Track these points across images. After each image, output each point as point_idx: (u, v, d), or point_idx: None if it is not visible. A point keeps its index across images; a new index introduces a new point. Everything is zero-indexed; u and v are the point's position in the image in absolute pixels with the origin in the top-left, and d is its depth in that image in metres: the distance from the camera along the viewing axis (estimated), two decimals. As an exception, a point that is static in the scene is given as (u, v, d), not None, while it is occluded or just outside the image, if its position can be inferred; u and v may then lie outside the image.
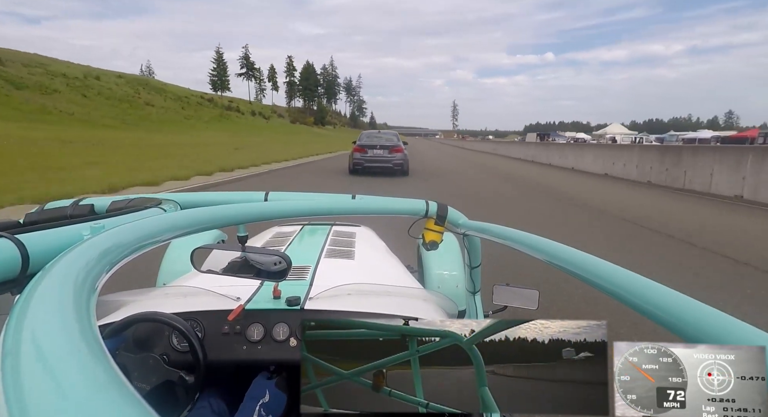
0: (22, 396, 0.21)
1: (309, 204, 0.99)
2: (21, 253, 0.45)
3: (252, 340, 0.97)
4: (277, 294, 1.05)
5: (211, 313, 0.99)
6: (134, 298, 1.07)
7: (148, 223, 0.56)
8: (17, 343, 0.25)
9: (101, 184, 8.65)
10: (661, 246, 5.42)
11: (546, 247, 0.66)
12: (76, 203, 0.83)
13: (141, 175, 10.47)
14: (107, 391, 0.21)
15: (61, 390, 0.21)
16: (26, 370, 0.22)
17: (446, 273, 1.81)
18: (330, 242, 1.70)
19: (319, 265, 1.37)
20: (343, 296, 1.05)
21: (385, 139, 13.88)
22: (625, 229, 6.39)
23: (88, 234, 0.54)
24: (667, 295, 0.43)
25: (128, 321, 0.88)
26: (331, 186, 10.90)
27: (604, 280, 0.50)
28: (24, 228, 0.55)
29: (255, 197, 1.05)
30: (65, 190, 7.56)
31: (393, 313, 1.01)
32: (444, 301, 1.20)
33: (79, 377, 0.22)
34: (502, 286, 1.29)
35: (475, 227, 1.04)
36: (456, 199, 8.55)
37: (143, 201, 0.82)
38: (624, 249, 5.23)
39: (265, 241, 1.82)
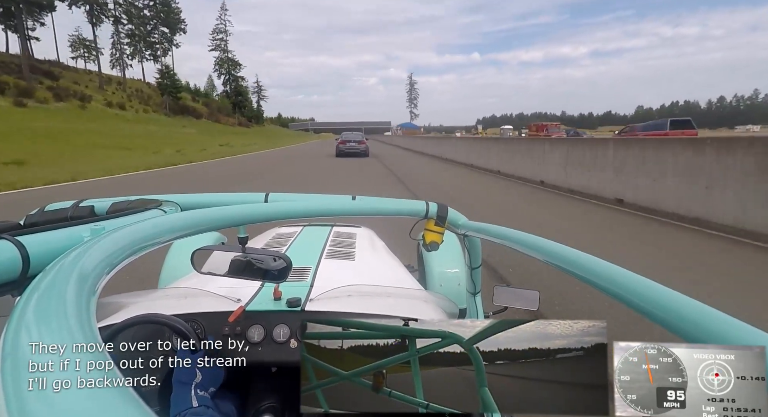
0: (22, 397, 0.21)
1: (309, 205, 0.99)
2: (21, 255, 0.45)
3: (252, 342, 0.97)
4: (277, 295, 1.05)
5: (211, 315, 0.99)
6: (134, 299, 1.07)
7: (148, 224, 0.56)
8: (17, 345, 0.25)
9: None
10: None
11: (546, 248, 0.66)
12: (77, 205, 0.83)
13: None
14: (107, 392, 0.21)
15: (62, 391, 0.21)
16: (26, 371, 0.22)
17: (448, 271, 1.81)
18: (330, 243, 1.71)
19: (319, 266, 1.37)
20: (344, 297, 1.05)
21: (354, 136, 23.89)
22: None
23: (89, 236, 0.54)
24: (667, 295, 0.43)
25: (129, 323, 0.88)
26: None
27: (604, 280, 0.50)
28: (24, 229, 0.55)
29: (255, 198, 1.05)
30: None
31: (393, 314, 1.01)
32: (444, 302, 1.20)
33: (80, 379, 0.22)
34: (502, 287, 1.29)
35: (475, 228, 1.04)
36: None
37: (143, 202, 0.83)
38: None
39: (265, 242, 1.82)
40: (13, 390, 0.21)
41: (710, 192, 5.88)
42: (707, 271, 4.05)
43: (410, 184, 11.15)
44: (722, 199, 5.70)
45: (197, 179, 13.04)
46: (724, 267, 4.19)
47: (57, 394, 0.20)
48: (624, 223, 6.25)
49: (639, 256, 4.54)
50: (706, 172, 5.96)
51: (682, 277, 3.78)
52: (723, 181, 5.72)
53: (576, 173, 9.28)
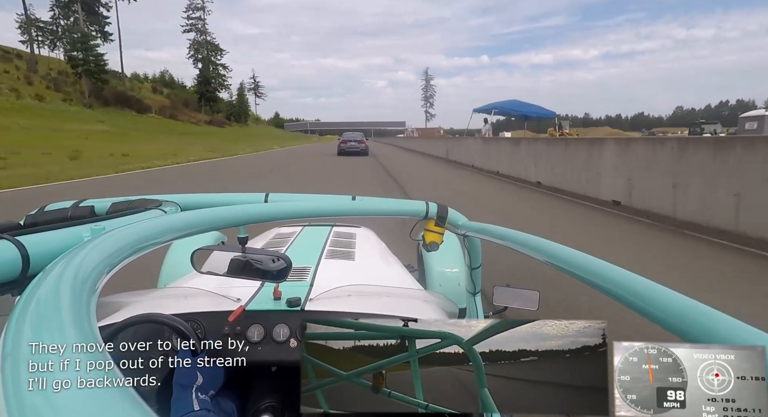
0: (22, 396, 0.21)
1: (309, 205, 0.99)
2: (21, 255, 0.45)
3: (252, 341, 0.97)
4: (277, 295, 1.05)
5: (211, 314, 0.99)
6: (134, 299, 1.07)
7: (148, 224, 0.56)
8: (17, 345, 0.25)
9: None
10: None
11: (546, 248, 0.66)
12: (77, 205, 0.83)
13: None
14: (107, 392, 0.21)
15: (62, 391, 0.21)
16: (26, 371, 0.22)
17: (448, 271, 1.81)
18: (330, 243, 1.71)
19: (319, 266, 1.37)
20: (344, 297, 1.05)
21: (355, 137, 25.99)
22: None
23: (89, 235, 0.54)
24: (667, 296, 0.43)
25: (129, 322, 0.88)
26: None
27: (604, 281, 0.50)
28: (24, 229, 0.55)
29: (255, 199, 1.05)
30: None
31: (393, 313, 1.01)
32: (444, 302, 1.21)
33: (80, 379, 0.22)
34: (502, 287, 1.29)
35: (475, 228, 1.04)
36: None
37: (143, 202, 0.82)
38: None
39: (265, 242, 1.82)
40: (13, 390, 0.21)
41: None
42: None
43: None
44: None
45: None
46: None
47: (57, 394, 0.20)
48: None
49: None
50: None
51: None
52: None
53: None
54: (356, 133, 27.62)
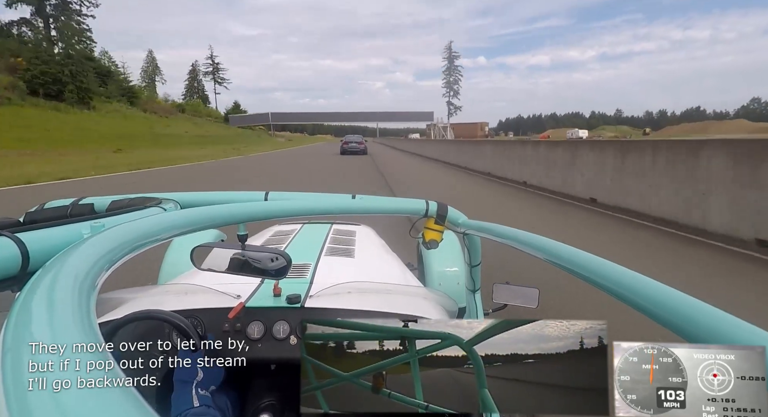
0: (23, 393, 0.21)
1: (309, 204, 0.99)
2: (21, 252, 0.45)
3: (252, 338, 0.97)
4: (277, 292, 1.05)
5: (211, 311, 0.99)
6: (134, 295, 1.07)
7: (147, 222, 0.56)
8: (17, 341, 0.25)
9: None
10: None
11: (546, 246, 0.66)
12: (76, 202, 0.83)
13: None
14: (108, 389, 0.21)
15: (62, 387, 0.21)
16: (26, 367, 0.22)
17: (447, 270, 1.81)
18: (330, 240, 1.70)
19: (319, 263, 1.37)
20: (344, 294, 1.05)
21: (355, 138, 31.02)
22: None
23: (88, 232, 0.54)
24: (668, 295, 0.43)
25: (128, 319, 0.88)
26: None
27: (605, 279, 0.50)
28: (24, 226, 0.55)
29: (255, 197, 1.05)
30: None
31: (393, 311, 1.01)
32: (444, 300, 1.21)
33: (80, 378, 0.22)
34: (502, 285, 1.29)
35: (474, 226, 1.04)
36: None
37: (143, 200, 0.82)
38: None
39: (265, 239, 1.82)
40: (13, 390, 0.21)
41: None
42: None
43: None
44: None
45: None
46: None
47: (57, 393, 0.20)
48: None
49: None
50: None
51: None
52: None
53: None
54: (356, 135, 33.72)
